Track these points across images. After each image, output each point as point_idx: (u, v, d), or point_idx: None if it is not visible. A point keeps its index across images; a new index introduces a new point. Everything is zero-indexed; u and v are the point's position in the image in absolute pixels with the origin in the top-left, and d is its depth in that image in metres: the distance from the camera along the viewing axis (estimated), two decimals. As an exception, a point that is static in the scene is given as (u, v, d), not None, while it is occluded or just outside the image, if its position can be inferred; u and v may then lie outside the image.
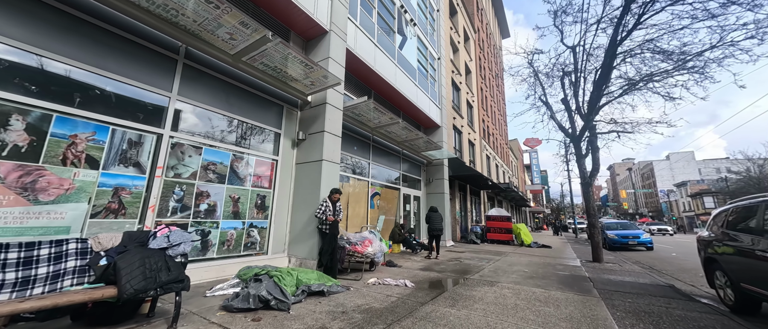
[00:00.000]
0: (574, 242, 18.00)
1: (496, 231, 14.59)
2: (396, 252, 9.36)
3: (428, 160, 13.17)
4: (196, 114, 4.94)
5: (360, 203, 8.61)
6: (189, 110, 4.85)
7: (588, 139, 9.50)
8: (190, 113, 4.85)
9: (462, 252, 10.10)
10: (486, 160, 22.26)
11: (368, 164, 9.28)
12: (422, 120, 12.72)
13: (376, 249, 5.59)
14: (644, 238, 14.44)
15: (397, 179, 11.14)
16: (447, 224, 12.59)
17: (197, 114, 4.95)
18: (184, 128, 4.74)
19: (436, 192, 13.00)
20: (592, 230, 8.97)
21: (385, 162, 10.35)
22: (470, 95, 20.11)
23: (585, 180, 9.14)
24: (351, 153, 8.49)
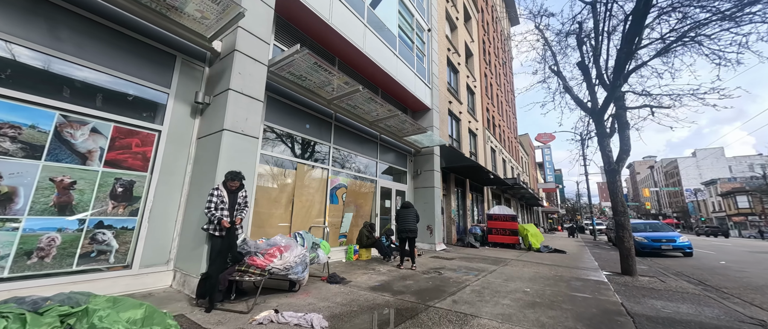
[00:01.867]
0: (592, 246, 15.56)
1: (499, 233, 12.40)
2: (364, 258, 7.38)
3: (416, 148, 11.13)
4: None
5: (313, 197, 6.68)
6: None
7: (614, 114, 7.28)
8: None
9: (450, 259, 8.02)
10: (490, 153, 19.98)
11: (328, 148, 7.34)
12: (407, 101, 10.70)
13: (289, 261, 3.63)
14: (682, 242, 11.95)
15: (373, 169, 9.16)
16: (438, 224, 10.52)
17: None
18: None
19: (424, 186, 10.95)
20: (620, 232, 6.76)
21: (356, 148, 8.38)
22: (471, 80, 17.92)
23: (610, 166, 6.93)
24: (299, 131, 6.56)
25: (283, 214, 5.91)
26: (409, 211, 6.61)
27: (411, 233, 6.40)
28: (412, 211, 6.62)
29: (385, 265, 6.67)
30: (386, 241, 8.45)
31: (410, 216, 6.53)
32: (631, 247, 6.65)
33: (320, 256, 4.47)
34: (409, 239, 6.45)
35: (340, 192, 7.66)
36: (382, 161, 9.63)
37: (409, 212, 6.58)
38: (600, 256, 10.95)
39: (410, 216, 6.53)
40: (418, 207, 10.86)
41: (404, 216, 6.57)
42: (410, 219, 6.49)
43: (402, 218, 6.59)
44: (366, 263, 6.91)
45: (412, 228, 6.42)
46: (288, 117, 6.26)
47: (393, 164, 10.25)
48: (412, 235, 6.40)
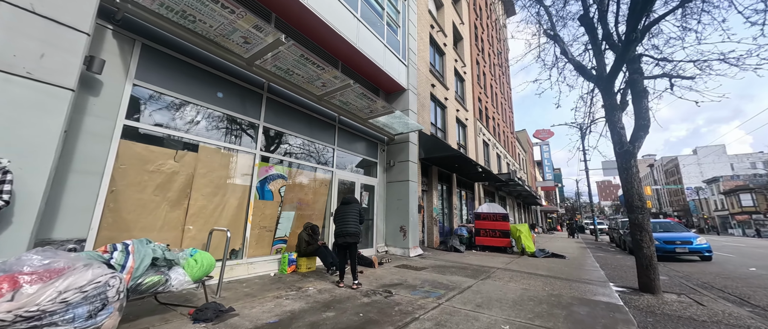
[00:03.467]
0: (594, 249, 13.92)
1: (488, 234, 10.71)
2: (303, 270, 5.67)
3: (389, 136, 9.45)
4: None
5: (227, 191, 4.97)
6: None
7: (627, 81, 5.61)
8: None
9: (419, 269, 6.32)
10: (482, 146, 18.30)
11: (257, 127, 5.64)
12: (379, 80, 9.01)
13: (43, 303, 1.91)
14: (700, 244, 10.28)
15: (329, 158, 7.47)
16: (413, 225, 8.83)
17: None
18: None
19: (398, 180, 9.26)
20: (638, 234, 5.06)
21: (302, 130, 6.69)
22: (461, 65, 16.24)
23: (623, 148, 5.25)
24: (204, 100, 4.85)
25: (168, 214, 4.21)
26: (349, 209, 4.91)
27: (350, 237, 4.68)
28: (353, 209, 4.91)
29: (323, 281, 4.97)
30: (341, 246, 6.77)
31: (350, 216, 4.82)
32: (653, 255, 4.97)
33: (174, 281, 2.78)
34: (348, 246, 4.73)
35: (277, 185, 5.96)
36: (343, 148, 7.93)
37: (348, 211, 4.88)
38: (606, 262, 9.28)
39: (350, 216, 4.82)
40: (390, 205, 9.18)
41: (342, 216, 4.87)
42: (350, 219, 4.79)
43: (339, 218, 4.89)
44: (300, 278, 5.21)
45: (352, 232, 4.70)
46: (182, 78, 4.55)
47: (358, 154, 8.56)
48: (351, 241, 4.69)
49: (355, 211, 4.91)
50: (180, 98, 4.49)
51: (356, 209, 4.95)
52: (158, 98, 4.28)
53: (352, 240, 4.67)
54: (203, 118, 4.84)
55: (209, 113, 4.92)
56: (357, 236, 4.71)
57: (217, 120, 5.03)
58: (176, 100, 4.47)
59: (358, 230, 4.76)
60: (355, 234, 4.69)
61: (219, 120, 5.05)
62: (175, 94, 4.43)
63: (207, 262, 3.23)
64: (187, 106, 4.59)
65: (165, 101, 4.36)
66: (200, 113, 4.80)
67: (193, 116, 4.69)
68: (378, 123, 8.44)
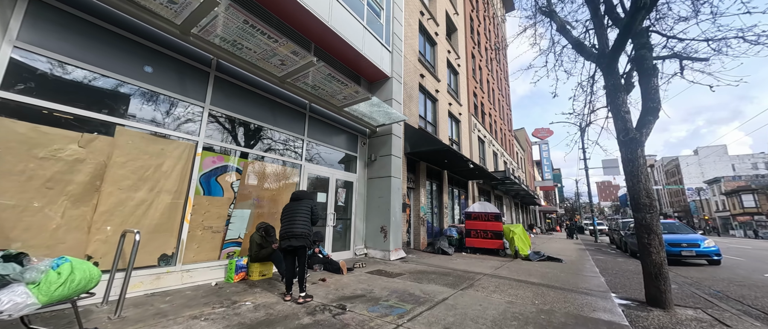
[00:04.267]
0: (594, 251, 13.14)
1: (479, 235, 9.92)
2: (255, 277, 4.87)
3: (371, 127, 8.65)
4: None
5: (153, 183, 4.16)
6: None
7: (633, 58, 4.82)
8: None
9: (392, 277, 5.52)
10: (477, 143, 17.50)
11: (203, 109, 4.83)
12: (359, 66, 8.21)
13: None
14: (708, 246, 9.48)
15: (298, 150, 6.67)
16: (395, 225, 8.03)
17: None
18: None
19: (380, 176, 8.46)
20: (645, 237, 4.26)
21: (263, 117, 5.89)
22: (454, 57, 15.43)
23: (628, 135, 4.45)
24: (127, 75, 4.05)
25: (69, 211, 3.40)
26: (298, 206, 4.10)
27: (296, 240, 3.86)
28: (303, 206, 4.10)
29: (270, 293, 4.17)
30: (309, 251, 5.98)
31: (298, 214, 4.02)
32: (663, 262, 4.16)
33: (4, 304, 1.97)
34: (295, 250, 3.92)
35: (229, 179, 5.16)
36: (316, 140, 7.13)
37: (297, 208, 4.07)
38: (606, 266, 8.48)
39: (298, 214, 4.02)
40: (371, 203, 8.39)
41: (289, 214, 4.07)
42: (298, 218, 3.98)
43: (285, 217, 4.08)
44: (245, 288, 4.41)
45: (299, 233, 3.89)
46: (95, 45, 3.74)
47: (334, 147, 7.76)
48: (297, 244, 3.87)
49: (305, 208, 4.10)
50: (89, 69, 3.68)
51: (307, 206, 4.14)
52: (56, 67, 3.47)
53: (299, 243, 3.85)
54: (123, 96, 4.03)
55: (135, 90, 4.12)
56: (305, 239, 3.90)
57: (144, 99, 4.21)
58: (84, 71, 3.66)
59: (307, 231, 3.95)
60: (302, 236, 3.88)
61: (146, 100, 4.24)
62: (82, 64, 3.62)
63: (80, 276, 2.42)
64: (99, 79, 3.78)
65: (65, 72, 3.55)
66: (120, 89, 3.99)
67: (109, 93, 3.88)
68: (356, 113, 7.64)
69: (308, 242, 3.94)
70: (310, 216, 4.12)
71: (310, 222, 4.18)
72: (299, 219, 3.97)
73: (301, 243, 3.85)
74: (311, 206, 4.19)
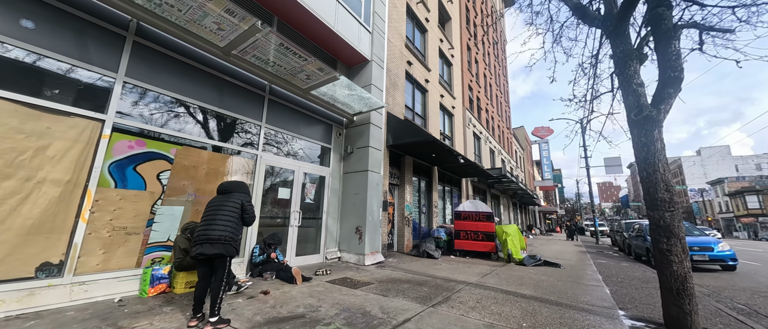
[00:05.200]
0: (595, 254, 12.19)
1: (469, 237, 8.99)
2: (180, 290, 3.94)
3: (347, 116, 7.74)
4: None
5: (33, 171, 3.25)
6: None
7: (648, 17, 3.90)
8: None
9: (351, 288, 4.60)
10: (473, 139, 16.57)
11: (112, 81, 3.91)
12: (338, 49, 7.30)
13: None
14: (722, 251, 8.54)
15: (254, 137, 5.76)
16: (371, 226, 7.11)
17: None
18: None
19: (356, 170, 7.55)
20: (663, 241, 3.33)
21: (210, 99, 4.98)
22: (447, 47, 14.51)
23: (642, 113, 3.52)
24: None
25: None
26: (223, 201, 3.19)
27: (210, 246, 2.92)
28: (231, 202, 3.18)
29: (179, 315, 3.25)
30: (259, 256, 5.09)
31: (221, 212, 3.10)
32: (687, 274, 3.23)
33: None
34: (210, 260, 3.00)
35: (154, 169, 4.24)
36: (277, 127, 6.22)
37: (222, 204, 3.16)
38: (610, 272, 7.54)
39: (221, 212, 3.10)
40: (347, 201, 7.47)
41: (209, 212, 3.17)
42: (219, 218, 3.05)
43: (204, 216, 3.17)
44: (155, 306, 3.49)
45: (215, 237, 2.95)
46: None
47: (303, 136, 6.84)
48: (212, 252, 2.91)
49: (232, 205, 3.19)
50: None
51: (236, 202, 3.23)
52: None
53: (215, 251, 2.92)
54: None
55: (5, 50, 3.20)
56: (226, 244, 2.97)
57: (23, 64, 3.30)
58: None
59: (229, 234, 3.03)
60: (221, 241, 2.95)
61: (27, 64, 3.32)
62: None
63: None
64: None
65: None
66: None
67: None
68: (326, 97, 6.73)
69: (230, 250, 3.02)
70: (240, 215, 3.21)
71: (241, 222, 3.27)
72: (221, 219, 3.06)
73: (217, 251, 2.93)
74: (241, 202, 3.28)
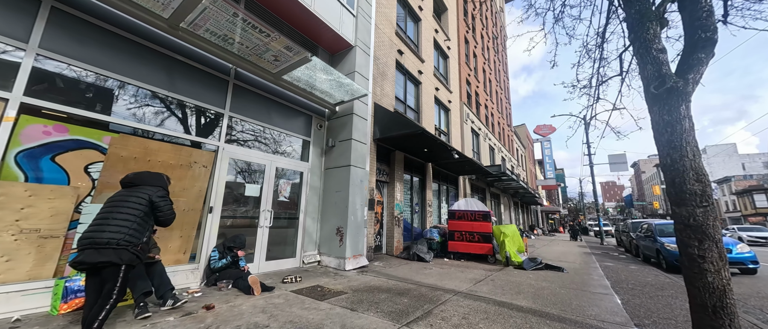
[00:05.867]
0: (601, 255, 11.45)
1: (464, 238, 8.29)
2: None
3: (329, 107, 7.07)
4: None
5: None
6: None
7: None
8: None
9: (316, 300, 3.92)
10: (471, 136, 15.85)
11: (23, 53, 3.26)
12: (313, 29, 6.64)
13: None
14: (741, 253, 7.80)
15: (214, 127, 5.10)
16: (354, 226, 6.44)
17: None
18: None
19: (338, 166, 6.88)
20: (694, 246, 2.64)
21: (157, 80, 4.32)
22: (443, 38, 13.81)
23: (664, 84, 2.82)
24: None
25: None
26: (124, 197, 2.56)
27: (95, 252, 2.25)
28: (135, 197, 2.55)
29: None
30: (219, 261, 4.43)
31: (120, 211, 2.46)
32: (726, 287, 2.52)
33: None
34: (96, 270, 2.33)
35: (79, 160, 3.59)
36: (246, 116, 5.56)
37: (121, 202, 2.53)
38: (619, 277, 6.80)
39: (120, 211, 2.46)
40: (328, 199, 6.82)
41: (104, 210, 2.52)
42: (117, 217, 2.41)
43: (98, 215, 2.50)
44: (68, 324, 2.83)
45: (103, 241, 2.27)
46: None
47: (277, 127, 6.18)
48: (98, 260, 2.24)
49: (136, 202, 2.53)
50: None
51: (141, 198, 2.57)
52: None
53: (103, 259, 2.25)
54: None
55: None
56: (120, 250, 2.31)
57: None
58: None
59: (124, 238, 2.36)
60: (111, 246, 2.28)
61: None
62: None
63: None
64: None
65: None
66: None
67: None
68: (300, 84, 6.05)
69: (126, 256, 2.35)
70: (147, 213, 2.55)
71: (151, 223, 2.62)
72: (117, 218, 2.40)
73: (105, 259, 2.26)
74: (149, 197, 2.62)
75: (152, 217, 2.71)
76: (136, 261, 2.50)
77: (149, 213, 2.66)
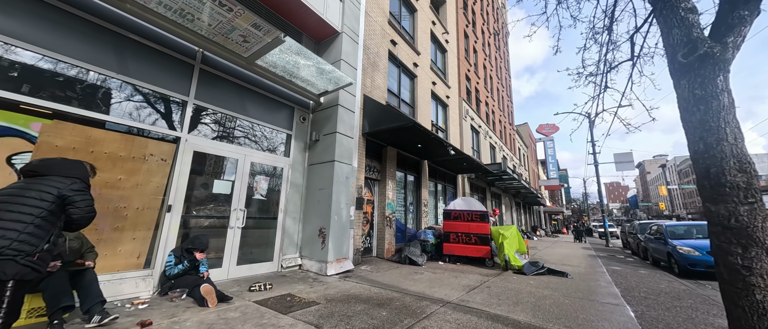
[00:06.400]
0: (607, 258, 10.81)
1: (460, 240, 7.71)
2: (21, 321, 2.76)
3: (313, 98, 6.54)
4: None
5: None
6: None
7: None
8: None
9: (277, 317, 3.37)
10: (471, 132, 15.26)
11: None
12: (295, 12, 6.12)
13: None
14: None
15: (175, 114, 4.58)
16: (338, 227, 5.90)
17: None
18: None
19: (322, 161, 6.34)
20: (736, 253, 2.09)
21: (104, 60, 3.81)
22: (441, 31, 13.25)
23: (697, 50, 2.24)
24: None
25: None
26: (20, 190, 2.02)
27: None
28: (34, 190, 2.02)
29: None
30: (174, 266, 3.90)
31: (10, 208, 1.92)
32: (781, 307, 1.95)
33: None
34: None
35: (2, 147, 3.08)
36: (215, 104, 5.04)
37: (13, 197, 1.98)
38: (629, 283, 6.18)
39: (10, 208, 1.92)
40: (311, 197, 6.29)
41: None
42: (8, 216, 1.89)
43: None
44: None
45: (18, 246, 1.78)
46: None
47: (253, 119, 5.65)
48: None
49: (36, 197, 2.01)
50: None
51: (47, 191, 2.05)
52: None
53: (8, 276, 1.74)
54: None
55: None
56: (5, 262, 1.79)
57: None
58: None
59: (9, 246, 1.83)
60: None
61: None
62: None
63: None
64: None
65: None
66: None
67: None
68: (277, 70, 5.52)
69: (11, 269, 1.82)
70: (54, 211, 2.03)
71: (65, 223, 2.10)
72: (4, 220, 1.87)
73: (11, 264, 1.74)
74: (58, 191, 2.09)
75: (61, 216, 2.18)
76: (32, 275, 1.97)
77: (57, 212, 2.12)
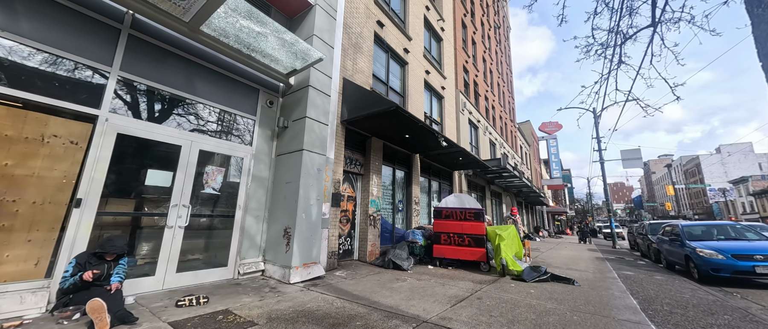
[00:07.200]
0: (616, 261, 9.86)
1: (452, 242, 6.83)
2: None
3: (282, 78, 5.70)
4: None
5: None
6: None
7: None
8: None
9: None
10: (469, 127, 14.36)
11: None
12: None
13: None
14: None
15: (92, 89, 3.75)
16: (307, 226, 5.06)
17: None
18: None
19: (291, 151, 5.50)
20: None
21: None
22: (435, 17, 12.38)
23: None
24: None
25: None
26: None
27: None
28: None
29: None
30: (70, 277, 3.05)
31: None
32: None
33: None
34: None
35: None
36: (150, 79, 4.20)
37: None
38: (647, 293, 5.26)
39: None
40: (278, 193, 5.46)
41: None
42: None
43: None
44: None
45: None
46: None
47: (200, 98, 4.81)
48: None
49: None
50: None
51: None
52: None
53: None
54: None
55: None
56: None
57: None
58: None
59: None
60: None
61: None
62: None
63: None
64: None
65: None
66: None
67: None
68: (229, 40, 4.68)
69: None
70: None
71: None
72: None
73: None
74: None
75: None
76: None
77: None
